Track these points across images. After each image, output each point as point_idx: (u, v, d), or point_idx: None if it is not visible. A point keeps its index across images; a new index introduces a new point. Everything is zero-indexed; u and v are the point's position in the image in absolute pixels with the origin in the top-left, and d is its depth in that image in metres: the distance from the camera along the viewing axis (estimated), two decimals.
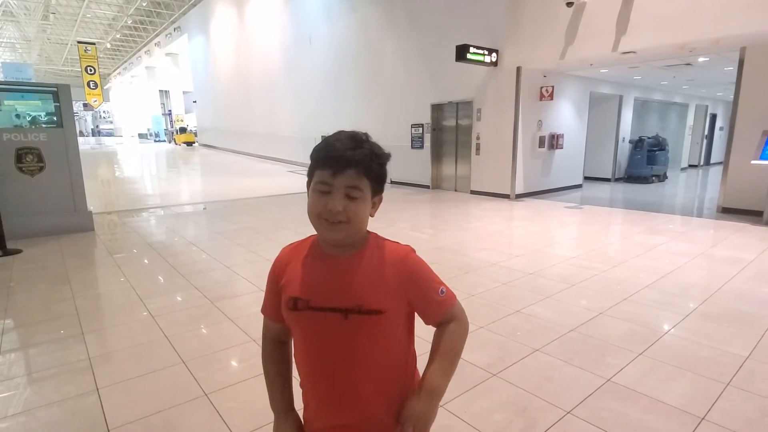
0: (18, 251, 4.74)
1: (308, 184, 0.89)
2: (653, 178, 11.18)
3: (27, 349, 2.65)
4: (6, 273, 4.07)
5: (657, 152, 11.22)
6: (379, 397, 0.90)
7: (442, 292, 0.92)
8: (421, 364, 0.95)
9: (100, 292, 3.68)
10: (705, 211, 7.21)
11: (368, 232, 0.93)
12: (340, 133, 0.86)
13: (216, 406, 2.03)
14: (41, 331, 2.87)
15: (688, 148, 14.88)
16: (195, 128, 29.87)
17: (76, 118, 6.84)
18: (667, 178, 11.75)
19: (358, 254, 0.90)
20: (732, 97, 6.64)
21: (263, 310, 0.99)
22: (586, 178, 10.90)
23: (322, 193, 0.83)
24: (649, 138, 11.39)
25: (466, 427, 1.87)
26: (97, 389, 2.17)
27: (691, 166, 15.22)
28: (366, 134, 0.86)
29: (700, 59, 7.76)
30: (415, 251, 0.94)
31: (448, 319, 0.94)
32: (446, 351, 0.93)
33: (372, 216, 0.89)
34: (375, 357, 0.89)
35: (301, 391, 0.97)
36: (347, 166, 0.81)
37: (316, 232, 0.92)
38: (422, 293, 0.91)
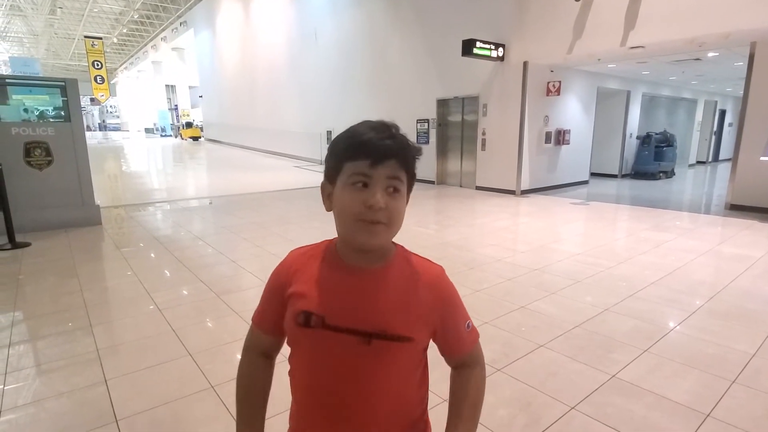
0: (27, 244, 4.79)
1: (330, 179, 0.76)
2: (660, 174, 11.09)
3: (36, 341, 2.68)
4: (15, 266, 4.12)
5: (665, 148, 11.13)
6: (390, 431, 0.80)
7: (468, 326, 0.83)
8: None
9: (107, 285, 3.72)
10: (713, 208, 7.15)
11: (393, 242, 0.81)
12: (367, 122, 0.75)
13: (222, 398, 2.06)
14: (50, 323, 2.91)
15: (696, 145, 14.73)
16: (201, 123, 29.97)
17: (83, 112, 6.88)
18: (674, 174, 11.65)
19: (386, 268, 0.78)
20: (741, 92, 6.56)
21: (256, 320, 0.86)
22: (593, 175, 10.83)
23: (359, 188, 0.71)
24: (656, 134, 11.29)
25: None
26: (105, 381, 2.20)
27: (699, 162, 15.07)
28: (395, 124, 0.76)
29: (710, 54, 7.66)
30: (445, 272, 0.83)
31: (472, 361, 0.85)
32: (474, 405, 0.84)
33: None
34: (393, 388, 0.77)
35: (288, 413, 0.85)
36: (388, 155, 0.71)
37: (337, 235, 0.79)
38: (451, 324, 0.81)
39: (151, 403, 2.01)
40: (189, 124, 31.19)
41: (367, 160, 0.70)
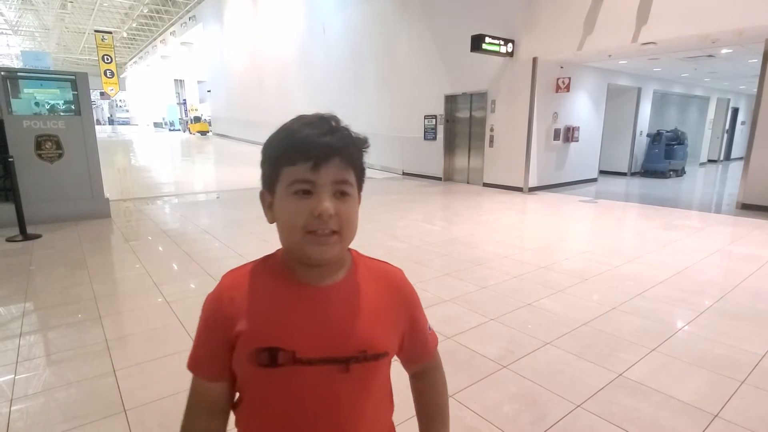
0: (38, 236, 4.85)
1: (268, 187, 0.67)
2: (671, 172, 10.97)
3: (46, 331, 2.72)
4: (26, 257, 4.18)
5: (675, 146, 11.00)
6: None
7: (429, 328, 0.79)
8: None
9: (116, 277, 3.76)
10: (724, 208, 7.06)
11: (348, 249, 0.71)
12: (302, 116, 0.66)
13: None
14: (60, 314, 2.95)
15: (708, 143, 14.54)
16: (209, 118, 30.09)
17: (93, 106, 6.94)
18: (685, 173, 11.52)
19: (348, 281, 0.69)
20: (755, 90, 6.45)
21: (198, 368, 0.70)
22: (602, 172, 10.74)
23: (302, 196, 0.62)
24: (667, 132, 11.16)
25: (476, 417, 1.88)
26: (114, 371, 2.23)
27: (710, 161, 14.89)
28: (335, 116, 0.67)
29: (723, 51, 7.54)
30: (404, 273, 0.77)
31: (434, 365, 0.81)
32: (445, 406, 0.82)
33: None
34: (371, 409, 0.70)
35: None
36: (331, 154, 0.62)
37: (283, 250, 0.70)
38: (417, 328, 0.76)
39: (158, 393, 2.03)
40: (197, 119, 31.36)
41: (308, 162, 0.61)
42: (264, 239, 4.79)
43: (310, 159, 0.61)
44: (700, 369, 2.28)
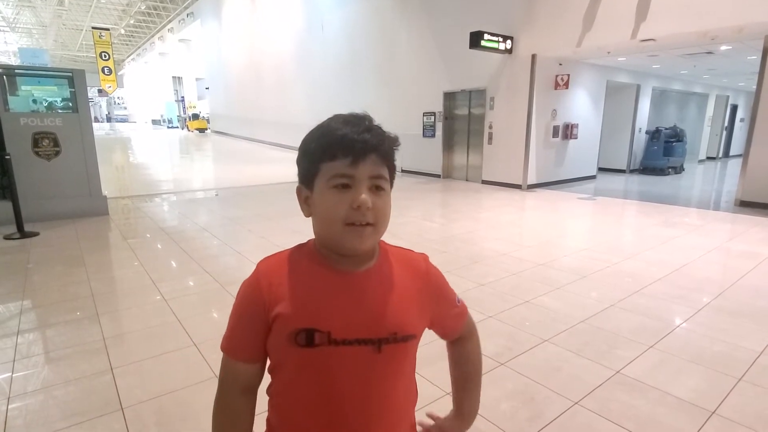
0: (35, 234, 4.84)
1: (306, 182, 0.71)
2: (669, 170, 10.97)
3: (44, 329, 2.71)
4: (24, 255, 4.17)
5: (674, 143, 10.99)
6: None
7: (458, 301, 0.84)
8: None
9: (114, 275, 3.75)
10: (722, 205, 7.07)
11: None
12: (339, 116, 0.70)
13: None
14: (58, 311, 2.94)
15: (706, 140, 14.54)
16: (207, 115, 30.03)
17: (91, 103, 6.92)
18: (683, 170, 11.52)
19: (378, 267, 0.73)
20: (754, 87, 6.45)
21: (232, 350, 0.74)
22: (601, 169, 10.74)
23: (342, 190, 0.66)
24: (666, 129, 11.15)
25: None
26: (112, 369, 2.23)
27: (709, 158, 14.89)
28: (369, 115, 0.71)
29: (722, 48, 7.53)
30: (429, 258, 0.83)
31: (467, 333, 0.87)
32: (478, 373, 0.89)
33: None
34: (401, 391, 0.75)
35: None
36: (368, 150, 0.66)
37: (318, 240, 0.73)
38: (445, 307, 0.82)
39: (156, 391, 2.03)
40: (195, 116, 31.30)
41: (347, 158, 0.65)
42: (262, 236, 4.79)
43: (349, 155, 0.65)
44: (697, 366, 2.28)
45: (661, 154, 10.94)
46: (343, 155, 0.65)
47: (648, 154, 11.22)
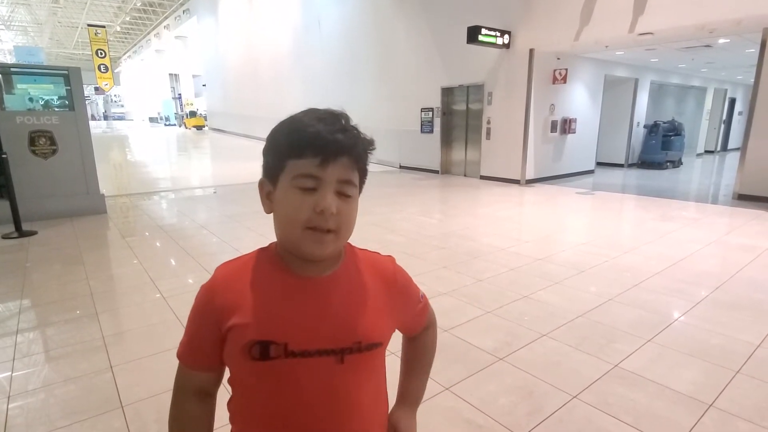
0: (33, 233, 4.83)
1: (269, 177, 0.66)
2: (668, 164, 10.98)
3: (44, 328, 2.71)
4: (22, 254, 4.16)
5: (672, 137, 10.99)
6: None
7: (421, 296, 0.81)
8: None
9: (113, 273, 3.75)
10: (720, 198, 7.08)
11: None
12: (313, 110, 0.65)
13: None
14: (57, 310, 2.94)
15: (705, 134, 14.55)
16: (204, 112, 29.93)
17: (87, 102, 6.89)
18: (682, 164, 11.53)
19: (342, 272, 0.69)
20: (752, 80, 6.44)
21: (186, 358, 0.71)
22: (599, 164, 10.74)
23: (306, 191, 0.61)
24: (664, 123, 11.15)
25: (472, 410, 1.89)
26: (111, 367, 2.23)
27: (707, 151, 14.90)
28: (345, 114, 0.66)
29: (721, 41, 7.51)
30: (395, 261, 0.79)
31: (428, 323, 0.85)
32: (429, 363, 0.88)
33: None
34: (368, 399, 0.71)
35: None
36: (340, 152, 0.61)
37: (278, 241, 0.69)
38: (411, 306, 0.79)
39: (155, 389, 2.04)
40: (193, 114, 31.20)
41: (316, 158, 0.60)
42: (261, 234, 4.78)
43: (318, 155, 0.60)
44: (695, 359, 2.29)
45: (659, 148, 10.94)
46: (312, 154, 0.60)
47: (646, 148, 11.23)
